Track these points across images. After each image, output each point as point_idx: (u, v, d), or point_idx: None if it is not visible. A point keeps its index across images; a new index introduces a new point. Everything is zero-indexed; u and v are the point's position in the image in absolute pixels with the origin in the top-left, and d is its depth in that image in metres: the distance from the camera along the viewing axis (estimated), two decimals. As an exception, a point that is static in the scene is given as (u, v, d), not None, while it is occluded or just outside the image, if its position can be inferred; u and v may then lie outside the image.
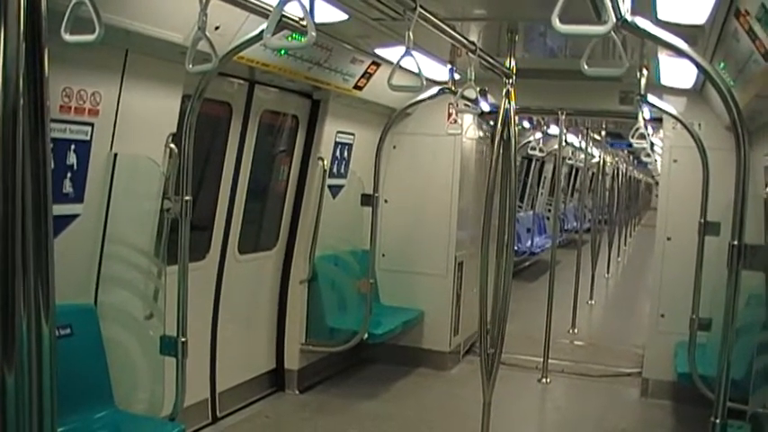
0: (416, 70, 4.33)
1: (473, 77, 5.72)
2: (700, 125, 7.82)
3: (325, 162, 8.08)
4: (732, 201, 3.96)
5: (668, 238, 8.46)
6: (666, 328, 8.25)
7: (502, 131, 6.05)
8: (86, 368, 5.02)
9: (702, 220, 6.93)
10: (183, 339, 5.08)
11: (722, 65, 5.82)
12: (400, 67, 4.46)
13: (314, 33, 2.86)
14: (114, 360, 5.22)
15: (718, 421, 3.94)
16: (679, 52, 3.74)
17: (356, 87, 7.71)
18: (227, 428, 7.11)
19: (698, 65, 3.91)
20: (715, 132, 7.90)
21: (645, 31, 3.40)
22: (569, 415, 8.31)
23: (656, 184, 39.72)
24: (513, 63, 6.20)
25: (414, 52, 4.33)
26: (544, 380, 9.12)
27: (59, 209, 4.80)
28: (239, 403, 7.51)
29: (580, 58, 3.59)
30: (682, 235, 8.01)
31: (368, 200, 7.88)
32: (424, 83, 4.43)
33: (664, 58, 6.64)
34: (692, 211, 7.19)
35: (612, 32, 2.83)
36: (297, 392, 8.12)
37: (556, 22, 2.57)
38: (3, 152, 1.57)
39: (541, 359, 9.23)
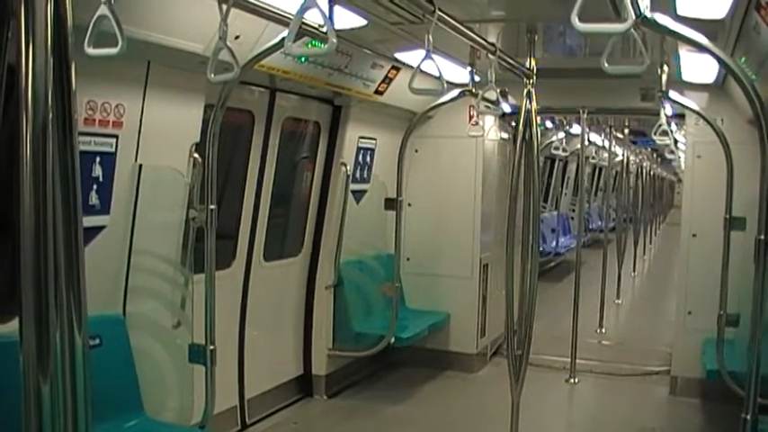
0: (437, 73, 4.33)
1: (494, 79, 5.72)
2: (722, 120, 7.76)
3: (348, 167, 8.11)
4: (757, 195, 3.93)
5: (693, 235, 8.41)
6: (694, 326, 8.20)
7: (524, 132, 6.04)
8: (116, 378, 5.04)
9: (728, 216, 6.88)
10: (211, 347, 5.10)
11: (743, 59, 5.78)
12: (421, 70, 4.46)
13: (335, 40, 2.87)
14: (143, 369, 5.26)
15: (749, 417, 3.92)
16: (700, 47, 3.73)
17: (377, 92, 7.72)
18: (257, 435, 7.15)
19: (719, 60, 3.90)
20: (738, 127, 7.84)
21: (665, 27, 3.39)
22: (598, 415, 8.27)
23: (679, 181, 39.60)
24: (533, 63, 6.19)
25: (434, 55, 4.34)
26: (572, 380, 9.09)
27: (86, 221, 4.78)
28: (268, 410, 7.53)
29: (600, 56, 3.57)
30: (707, 231, 7.96)
31: (391, 204, 7.88)
32: (445, 86, 4.43)
33: (684, 53, 6.61)
34: (716, 206, 7.13)
35: (632, 29, 2.83)
36: (325, 398, 8.15)
37: (575, 21, 2.57)
38: (33, 165, 1.60)
39: (569, 359, 9.20)
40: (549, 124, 12.70)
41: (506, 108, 8.59)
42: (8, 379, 2.00)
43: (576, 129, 12.70)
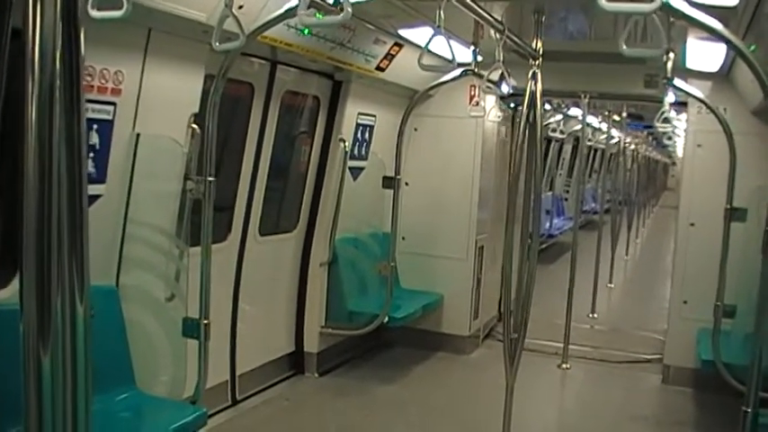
0: (443, 50, 4.26)
1: (501, 58, 5.62)
2: (725, 109, 7.69)
3: (347, 144, 8.03)
4: (758, 186, 3.89)
5: (691, 224, 8.36)
6: (689, 315, 8.17)
7: (527, 114, 5.96)
8: (108, 350, 4.98)
9: (728, 206, 6.83)
10: (205, 321, 5.06)
11: (753, 47, 5.71)
12: (428, 50, 4.39)
13: (350, 9, 2.81)
14: (136, 342, 5.20)
15: (750, 410, 3.89)
16: (715, 33, 3.67)
17: (378, 68, 7.63)
18: (247, 411, 7.10)
19: (734, 47, 3.84)
20: (741, 117, 7.79)
21: (680, 11, 3.34)
22: (591, 401, 8.26)
23: (673, 164, 39.66)
24: (539, 44, 6.10)
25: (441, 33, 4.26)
26: (564, 365, 9.07)
27: (82, 189, 4.75)
28: (259, 386, 7.50)
29: (606, 41, 3.52)
30: (705, 221, 7.93)
31: (389, 182, 7.81)
32: (456, 63, 4.36)
33: (692, 40, 6.54)
34: (715, 196, 7.09)
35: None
36: (316, 375, 8.11)
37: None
38: (39, 132, 1.54)
39: (561, 344, 9.17)
40: (546, 106, 12.61)
41: (508, 89, 8.50)
42: (8, 347, 1.94)
43: (573, 111, 12.65)
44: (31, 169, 1.54)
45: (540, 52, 6.09)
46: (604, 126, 15.60)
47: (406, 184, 8.79)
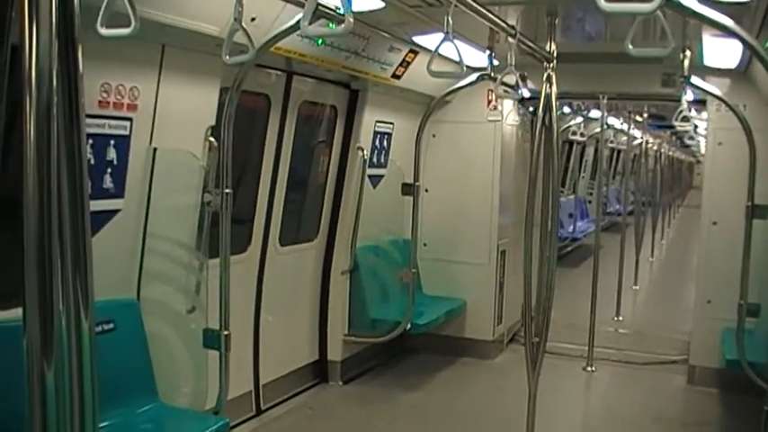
0: (455, 56, 4.25)
1: (513, 63, 5.62)
2: (745, 106, 7.62)
3: (365, 152, 8.05)
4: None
5: (714, 223, 8.29)
6: (713, 315, 8.10)
7: (543, 117, 5.95)
8: (130, 362, 5.03)
9: (750, 203, 6.77)
10: (225, 332, 5.09)
11: (768, 44, 5.67)
12: (439, 54, 4.39)
13: (351, 20, 2.81)
14: (157, 354, 5.24)
15: (772, 410, 3.86)
16: (725, 30, 3.65)
17: (394, 76, 7.64)
18: (271, 421, 7.12)
19: (746, 43, 3.81)
20: (760, 113, 7.72)
21: (689, 8, 3.32)
22: (615, 403, 8.20)
23: (698, 162, 39.35)
24: (553, 47, 6.08)
25: (452, 38, 4.26)
26: (589, 368, 9.03)
27: (100, 204, 4.81)
28: (283, 395, 7.52)
29: (621, 41, 3.50)
30: (727, 219, 7.85)
31: (408, 189, 7.81)
32: (464, 69, 4.35)
33: (707, 38, 6.50)
34: (737, 194, 7.02)
35: (658, 11, 2.75)
36: (340, 384, 8.12)
37: (600, 1, 2.50)
38: (37, 149, 1.55)
39: (586, 347, 9.12)
40: (566, 109, 12.58)
41: (525, 93, 8.49)
42: (16, 364, 1.96)
43: (594, 113, 12.59)
44: (31, 185, 1.55)
45: (555, 55, 6.08)
46: (626, 127, 15.51)
47: (426, 190, 8.79)
